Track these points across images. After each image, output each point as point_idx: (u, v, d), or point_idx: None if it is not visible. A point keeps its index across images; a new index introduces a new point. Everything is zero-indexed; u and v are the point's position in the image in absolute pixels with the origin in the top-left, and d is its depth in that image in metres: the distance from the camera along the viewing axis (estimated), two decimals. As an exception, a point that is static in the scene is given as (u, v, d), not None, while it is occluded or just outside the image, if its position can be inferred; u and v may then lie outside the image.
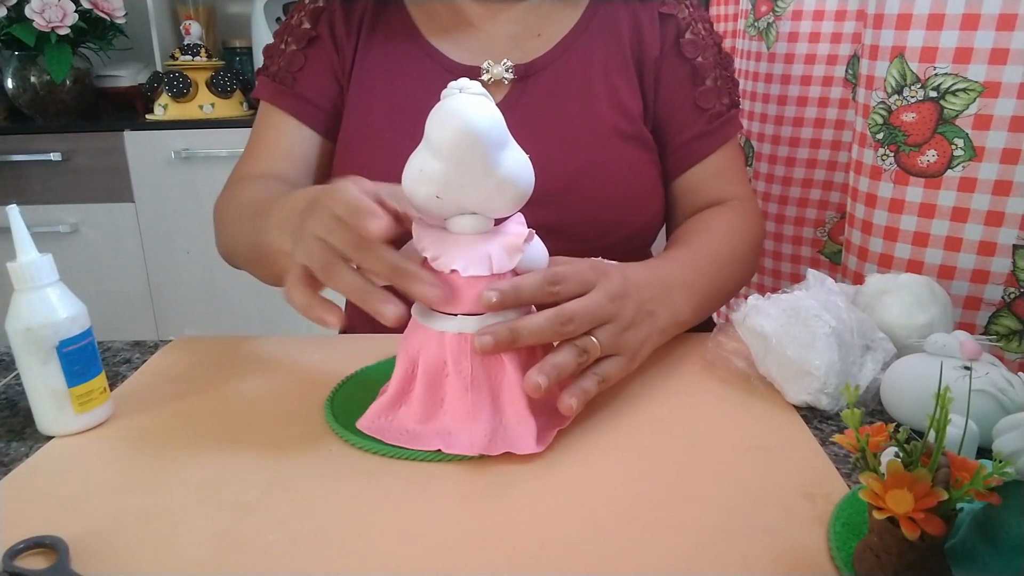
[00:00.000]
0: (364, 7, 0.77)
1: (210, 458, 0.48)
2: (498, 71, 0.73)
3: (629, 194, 0.73)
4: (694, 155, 0.77)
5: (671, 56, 0.75)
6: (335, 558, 0.39)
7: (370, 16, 0.76)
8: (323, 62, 0.76)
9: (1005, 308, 0.68)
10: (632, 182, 0.73)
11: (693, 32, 0.76)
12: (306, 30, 0.77)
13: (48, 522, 0.42)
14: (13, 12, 1.63)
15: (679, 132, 0.76)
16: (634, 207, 0.74)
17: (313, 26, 0.77)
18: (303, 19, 0.77)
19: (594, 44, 0.74)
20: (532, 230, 0.49)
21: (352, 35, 0.76)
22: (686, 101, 0.76)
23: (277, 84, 0.77)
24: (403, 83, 0.74)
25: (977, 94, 0.64)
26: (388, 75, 0.75)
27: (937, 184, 0.68)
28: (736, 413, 0.53)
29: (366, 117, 0.74)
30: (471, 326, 0.47)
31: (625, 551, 0.39)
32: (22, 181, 1.71)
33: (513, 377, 0.48)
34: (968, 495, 0.32)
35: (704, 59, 0.76)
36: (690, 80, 0.76)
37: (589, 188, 0.71)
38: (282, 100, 0.76)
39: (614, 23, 0.75)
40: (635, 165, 0.74)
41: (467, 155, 0.44)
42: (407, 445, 0.48)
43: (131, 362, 0.64)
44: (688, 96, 0.76)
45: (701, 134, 0.76)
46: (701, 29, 0.76)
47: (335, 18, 0.76)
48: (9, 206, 0.49)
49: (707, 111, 0.76)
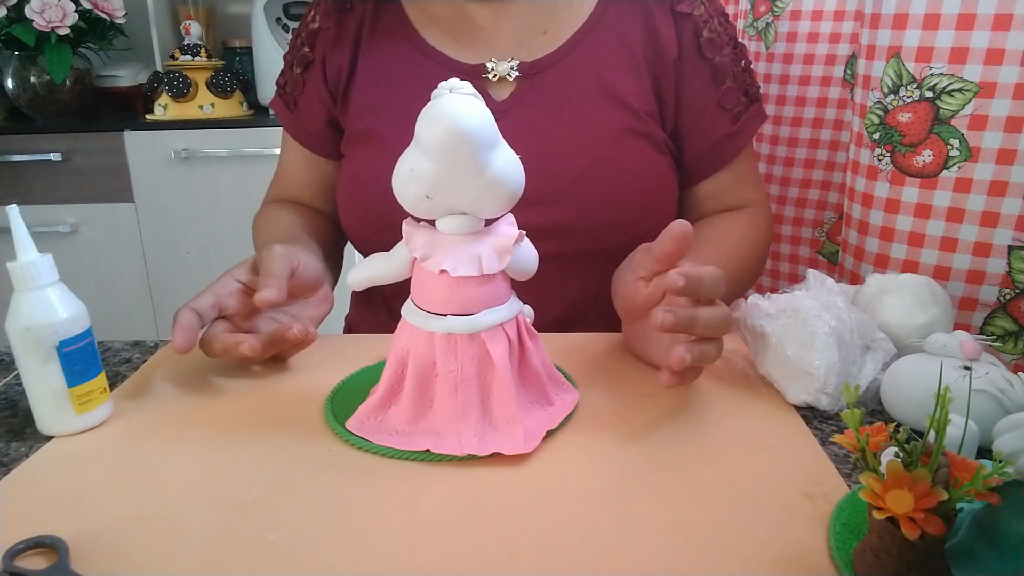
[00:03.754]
0: (362, 15, 0.76)
1: (210, 458, 0.48)
2: (503, 68, 0.72)
3: (640, 194, 0.71)
4: (720, 158, 0.76)
5: (691, 57, 0.73)
6: (335, 558, 0.39)
7: (369, 22, 0.76)
8: (317, 88, 0.78)
9: (1000, 309, 0.68)
10: (643, 182, 0.72)
11: (711, 29, 0.74)
12: (304, 53, 0.78)
13: (48, 522, 0.42)
14: (13, 12, 1.63)
15: (705, 135, 0.75)
16: (646, 207, 0.72)
17: (311, 48, 0.78)
18: (303, 41, 0.79)
19: (602, 43, 0.73)
20: (523, 231, 0.49)
21: (347, 48, 0.76)
22: (710, 102, 0.74)
23: (285, 107, 0.82)
24: (405, 86, 0.74)
25: (973, 94, 0.64)
26: (390, 79, 0.75)
27: (933, 184, 0.69)
28: (736, 413, 0.53)
29: (371, 123, 0.74)
30: (461, 326, 0.47)
31: (623, 551, 0.39)
32: (22, 181, 1.71)
33: (502, 378, 0.48)
34: (968, 495, 0.32)
35: (723, 57, 0.74)
36: (712, 80, 0.74)
37: (598, 188, 0.70)
38: (290, 126, 0.82)
39: (625, 22, 0.73)
40: (646, 164, 0.72)
41: (457, 155, 0.44)
42: (396, 445, 0.48)
43: (131, 362, 0.64)
44: (711, 97, 0.74)
45: (727, 136, 0.75)
46: (717, 25, 0.74)
47: (329, 37, 0.76)
48: (9, 206, 0.49)
49: (730, 111, 0.75)
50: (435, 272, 0.47)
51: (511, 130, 0.70)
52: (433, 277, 0.47)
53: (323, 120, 0.79)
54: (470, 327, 0.47)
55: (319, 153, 0.82)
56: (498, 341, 0.48)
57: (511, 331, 0.49)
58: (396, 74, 0.75)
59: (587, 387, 0.56)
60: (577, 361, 0.61)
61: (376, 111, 0.74)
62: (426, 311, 0.48)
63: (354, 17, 0.76)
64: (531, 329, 0.52)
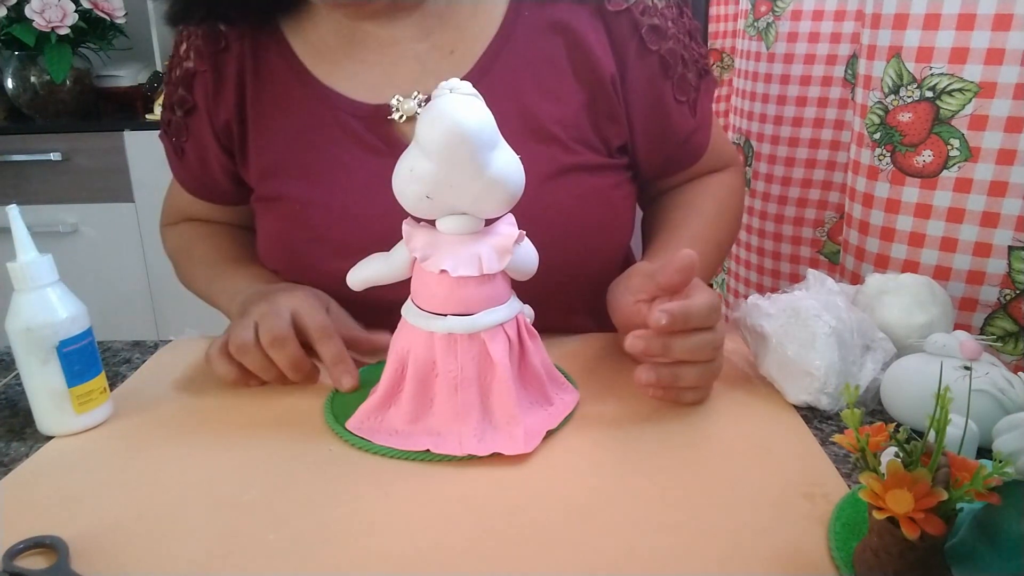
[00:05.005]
0: (240, 54, 0.65)
1: (210, 458, 0.48)
2: (410, 107, 0.62)
3: (584, 230, 0.63)
4: (693, 153, 0.71)
5: (635, 58, 0.64)
6: (335, 558, 0.39)
7: (251, 61, 0.65)
8: (205, 139, 0.68)
9: (1001, 310, 0.68)
10: (586, 216, 0.63)
11: (649, 14, 0.63)
12: (182, 96, 0.68)
13: (48, 522, 0.42)
14: (13, 12, 1.63)
15: (670, 135, 0.68)
16: (591, 242, 0.64)
17: (188, 92, 0.67)
18: (179, 85, 0.68)
19: (518, 62, 0.63)
20: (523, 231, 0.49)
21: (231, 97, 0.65)
22: (665, 103, 0.66)
23: (173, 151, 0.72)
24: (304, 141, 0.64)
25: (973, 94, 0.64)
26: (286, 134, 0.65)
27: (933, 184, 0.68)
28: (736, 413, 0.53)
29: (278, 187, 0.65)
30: (461, 326, 0.47)
31: (623, 550, 0.39)
32: (22, 181, 1.70)
33: (502, 378, 0.48)
34: (968, 495, 0.32)
35: (668, 40, 0.64)
36: (663, 74, 0.65)
37: (534, 238, 0.53)
38: (181, 176, 0.74)
39: (540, 34, 0.63)
40: (584, 200, 0.63)
41: (457, 155, 0.44)
42: (396, 445, 0.49)
43: (131, 362, 0.64)
44: (665, 95, 0.65)
45: (694, 129, 0.69)
46: (656, 1, 0.64)
47: (208, 83, 0.66)
48: (9, 206, 0.49)
49: (687, 101, 0.67)
50: (435, 272, 0.47)
51: None
52: (433, 277, 0.47)
53: (216, 172, 0.70)
54: (470, 327, 0.47)
55: (215, 202, 0.74)
56: (498, 341, 0.48)
57: (511, 331, 0.49)
58: (292, 127, 0.65)
59: (587, 387, 0.56)
60: (577, 361, 0.61)
61: (279, 173, 0.65)
62: (426, 311, 0.48)
63: (231, 58, 0.65)
64: (531, 329, 0.52)
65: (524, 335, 0.51)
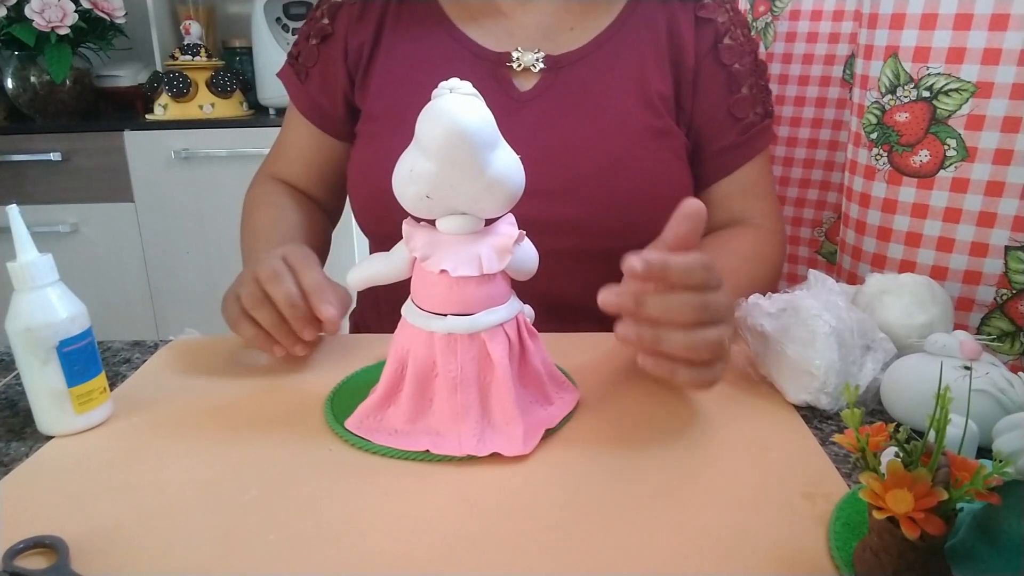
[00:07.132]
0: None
1: (210, 458, 0.48)
2: (528, 59, 0.72)
3: (657, 194, 0.69)
4: (722, 168, 0.75)
5: (708, 62, 0.73)
6: (335, 558, 0.39)
7: (395, 6, 0.76)
8: (334, 63, 0.77)
9: (997, 310, 0.68)
10: (662, 182, 0.71)
11: (732, 37, 0.74)
12: (323, 26, 0.77)
13: (48, 522, 0.42)
14: (13, 12, 1.63)
15: (711, 141, 0.74)
16: (662, 208, 0.65)
17: (331, 21, 0.77)
18: (323, 12, 0.78)
19: (629, 43, 0.73)
20: (523, 231, 0.49)
21: (372, 25, 0.75)
22: (720, 109, 0.74)
23: (296, 76, 0.80)
24: (430, 69, 0.72)
25: (970, 94, 0.64)
26: (415, 62, 0.74)
27: (930, 184, 0.69)
28: (736, 413, 0.53)
29: (392, 102, 0.73)
30: (461, 326, 0.47)
31: (623, 550, 0.39)
32: (22, 181, 1.70)
33: (502, 378, 0.48)
34: (968, 495, 0.32)
35: (741, 66, 0.74)
36: (726, 87, 0.74)
37: (616, 185, 0.69)
38: (298, 96, 0.81)
39: (651, 23, 0.73)
40: (665, 165, 0.71)
41: (457, 155, 0.44)
42: (395, 445, 0.49)
43: (131, 362, 0.64)
44: (723, 103, 0.74)
45: (732, 145, 0.74)
46: (740, 35, 0.74)
47: (353, 12, 0.76)
48: (9, 206, 0.49)
49: (740, 120, 0.74)
50: (435, 272, 0.47)
51: (531, 122, 0.71)
52: (433, 277, 0.47)
53: (336, 97, 0.78)
54: (470, 327, 0.47)
55: (325, 130, 0.80)
56: (498, 341, 0.48)
57: (511, 331, 0.49)
58: (420, 53, 0.74)
59: (587, 387, 0.56)
60: (577, 361, 0.61)
61: (397, 90, 0.73)
62: (426, 311, 0.48)
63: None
64: (531, 329, 0.52)
65: (524, 335, 0.51)
